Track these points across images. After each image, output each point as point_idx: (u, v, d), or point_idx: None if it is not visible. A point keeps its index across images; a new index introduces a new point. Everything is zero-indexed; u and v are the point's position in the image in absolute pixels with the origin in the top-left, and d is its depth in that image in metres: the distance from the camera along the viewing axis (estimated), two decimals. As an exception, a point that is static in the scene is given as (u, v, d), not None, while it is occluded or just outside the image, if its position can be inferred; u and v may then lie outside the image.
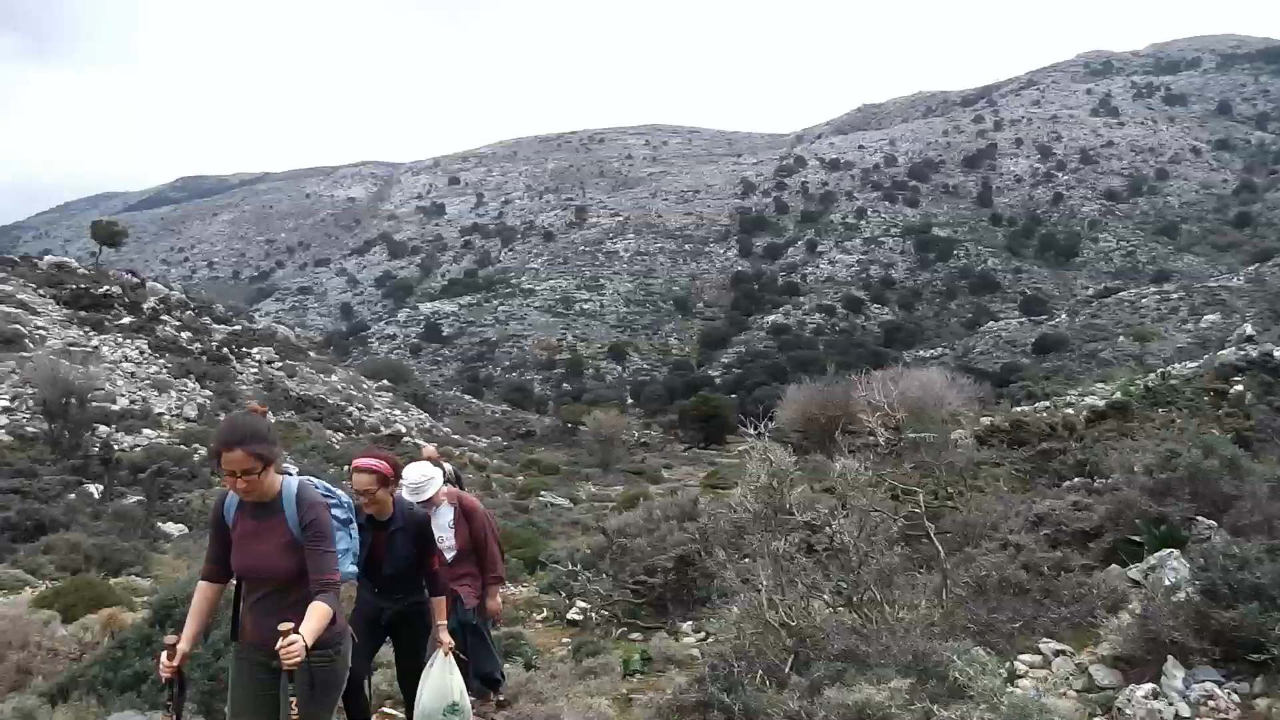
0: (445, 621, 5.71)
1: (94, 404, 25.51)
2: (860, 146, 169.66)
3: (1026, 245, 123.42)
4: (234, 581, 4.21)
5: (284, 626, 3.63)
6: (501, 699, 7.04)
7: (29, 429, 23.81)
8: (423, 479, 6.60)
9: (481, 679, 6.64)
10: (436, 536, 6.45)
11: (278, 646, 3.63)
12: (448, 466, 8.69)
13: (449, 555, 6.67)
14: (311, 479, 4.35)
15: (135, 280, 47.71)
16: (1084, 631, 5.85)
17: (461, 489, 8.77)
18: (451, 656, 5.63)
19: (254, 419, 4.05)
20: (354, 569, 4.64)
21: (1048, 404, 22.55)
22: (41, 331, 32.19)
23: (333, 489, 4.46)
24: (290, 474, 4.29)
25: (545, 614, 10.85)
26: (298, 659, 3.64)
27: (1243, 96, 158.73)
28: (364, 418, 40.16)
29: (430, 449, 8.91)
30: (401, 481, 6.50)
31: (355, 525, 4.57)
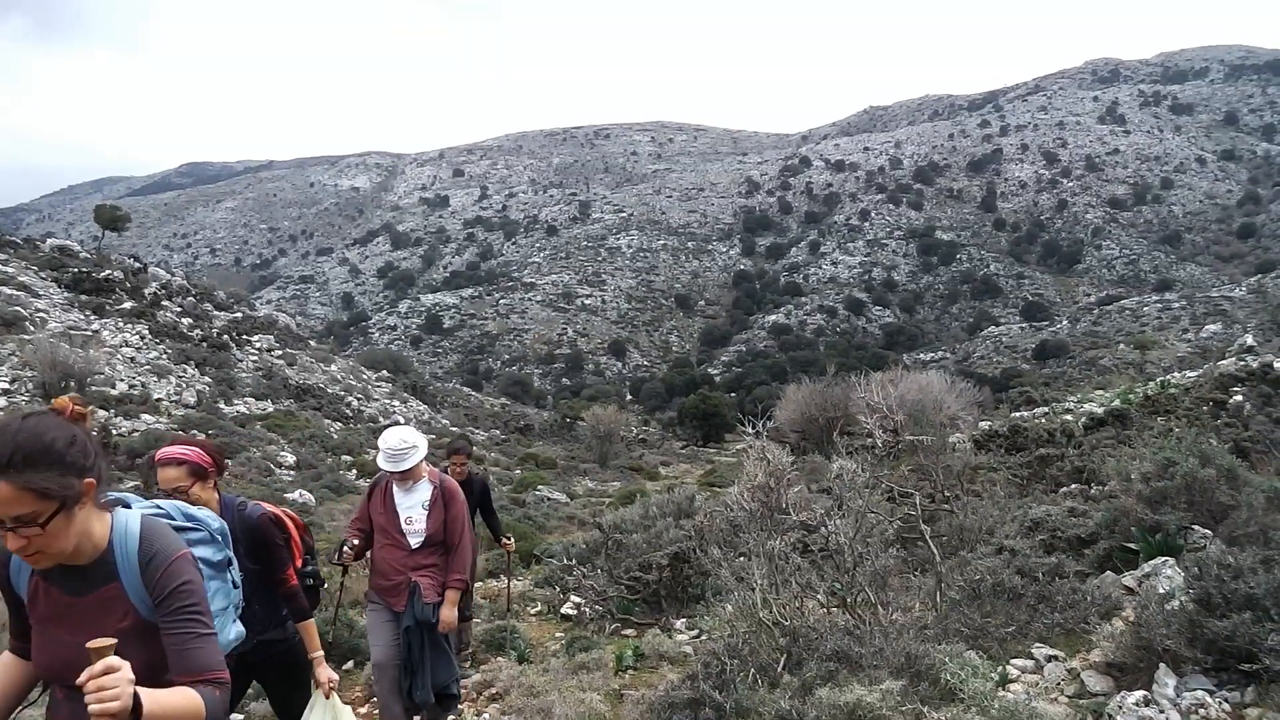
0: (320, 653, 4.48)
1: (93, 388, 25.53)
2: (865, 148, 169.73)
3: (1029, 251, 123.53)
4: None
5: None
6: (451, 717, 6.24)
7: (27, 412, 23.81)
8: (402, 446, 5.73)
9: (437, 696, 5.78)
10: (404, 517, 5.83)
11: None
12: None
13: (414, 541, 5.80)
14: (162, 504, 2.82)
15: (137, 265, 47.72)
16: (1077, 637, 5.85)
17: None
18: (335, 697, 4.44)
19: (42, 424, 2.29)
20: (237, 634, 3.09)
21: (1046, 410, 22.53)
22: (42, 314, 32.18)
23: (194, 512, 2.98)
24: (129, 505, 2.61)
25: (539, 608, 10.87)
26: None
27: (1250, 108, 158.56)
28: (363, 408, 40.17)
29: None
30: (379, 447, 5.84)
31: (235, 566, 3.10)
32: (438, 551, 5.85)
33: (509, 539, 8.86)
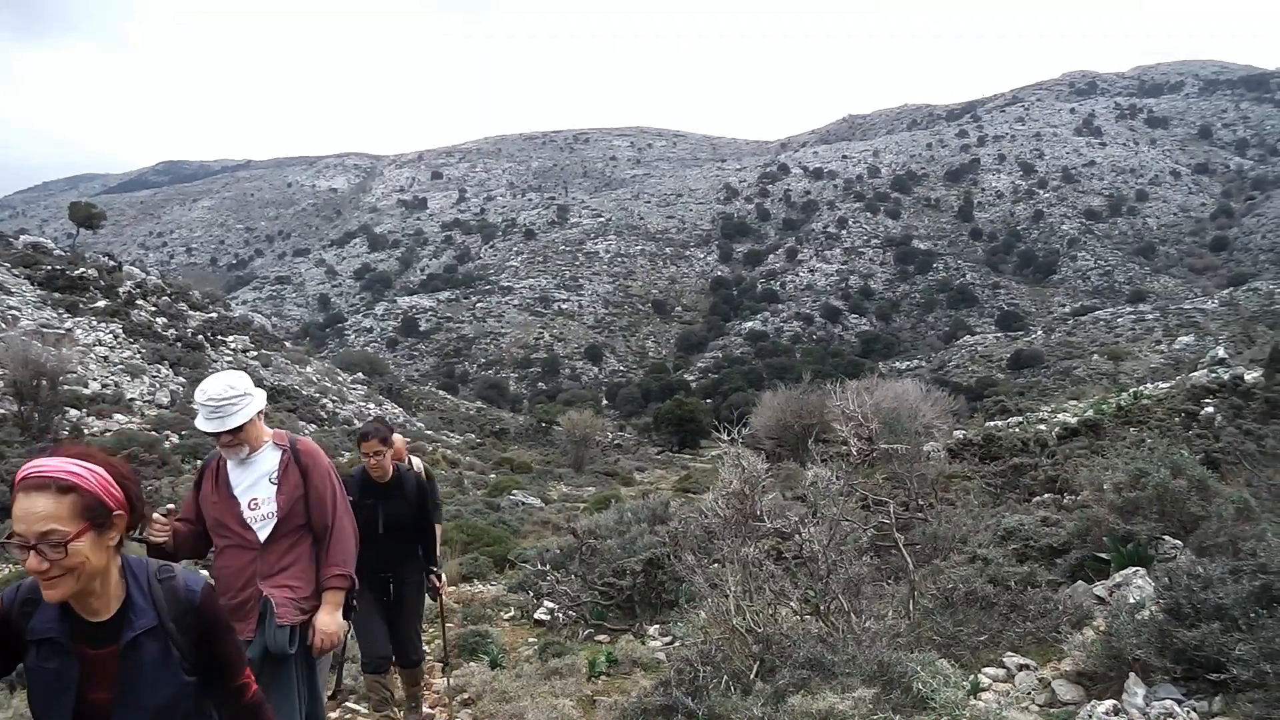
0: None
1: (65, 387, 25.26)
2: (844, 156, 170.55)
3: (1005, 261, 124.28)
4: None
5: None
6: None
7: (-3, 410, 23.56)
8: (228, 395, 4.09)
9: None
10: (245, 501, 4.16)
11: None
12: (417, 462, 7.22)
13: (263, 531, 4.11)
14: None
15: (112, 264, 47.29)
16: (1048, 646, 5.88)
17: (433, 487, 7.39)
18: None
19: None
20: None
21: (1020, 419, 22.70)
22: (14, 312, 31.85)
23: None
24: None
25: (512, 613, 10.82)
26: None
27: (1223, 122, 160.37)
28: (338, 410, 39.93)
29: (398, 440, 6.54)
30: (195, 400, 4.15)
31: None
32: (301, 546, 4.18)
33: (440, 575, 6.67)
